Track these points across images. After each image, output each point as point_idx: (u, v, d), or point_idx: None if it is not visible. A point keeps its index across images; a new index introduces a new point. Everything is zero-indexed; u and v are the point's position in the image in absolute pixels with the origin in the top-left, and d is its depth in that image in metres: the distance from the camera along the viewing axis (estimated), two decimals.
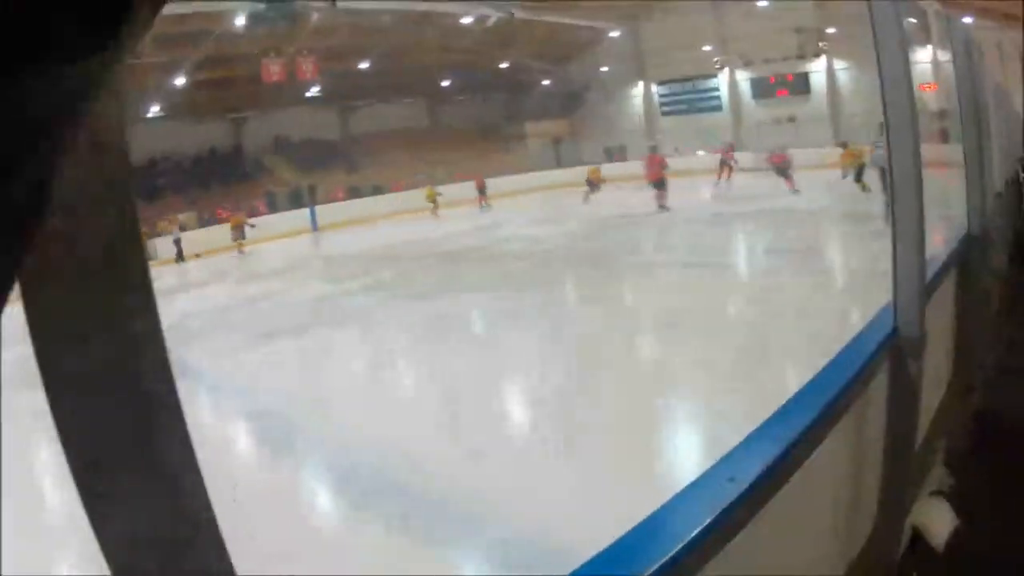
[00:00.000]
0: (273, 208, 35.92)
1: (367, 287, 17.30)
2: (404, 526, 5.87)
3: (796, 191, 23.43)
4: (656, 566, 1.49)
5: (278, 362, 11.20)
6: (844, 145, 23.41)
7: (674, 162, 28.72)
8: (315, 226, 33.92)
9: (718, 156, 32.88)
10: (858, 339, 3.16)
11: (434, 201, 32.81)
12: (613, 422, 7.30)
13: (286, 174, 39.48)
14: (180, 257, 27.83)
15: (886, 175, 3.46)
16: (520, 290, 14.49)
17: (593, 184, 30.18)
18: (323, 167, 40.29)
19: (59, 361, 0.74)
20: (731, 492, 1.79)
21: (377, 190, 38.94)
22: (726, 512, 1.73)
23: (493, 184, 35.06)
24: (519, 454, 7.21)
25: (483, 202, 33.86)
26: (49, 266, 0.71)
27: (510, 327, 12.02)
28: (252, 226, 28.89)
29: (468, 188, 34.52)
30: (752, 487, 1.83)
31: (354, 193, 38.72)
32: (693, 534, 1.61)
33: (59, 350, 0.74)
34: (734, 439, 2.20)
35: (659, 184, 24.18)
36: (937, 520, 4.03)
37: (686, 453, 6.77)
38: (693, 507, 1.77)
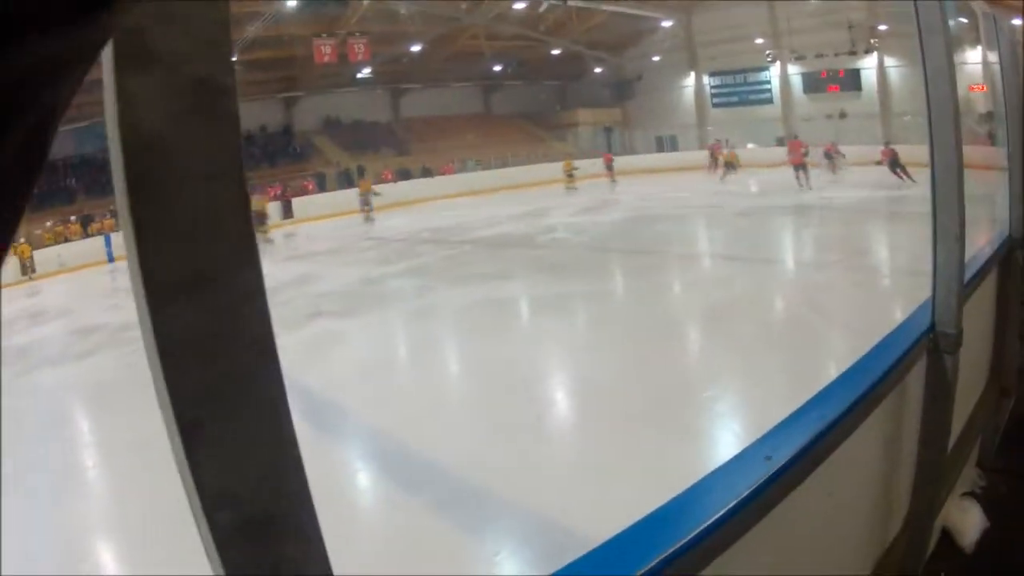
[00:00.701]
0: (321, 188, 36.14)
1: (411, 269, 17.44)
2: (439, 511, 5.95)
3: (914, 181, 23.33)
4: (692, 535, 1.57)
5: (321, 342, 11.32)
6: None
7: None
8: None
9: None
10: (896, 332, 3.19)
11: (571, 174, 33.61)
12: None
13: (335, 155, 39.64)
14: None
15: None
16: (562, 278, 14.53)
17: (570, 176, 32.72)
18: (372, 149, 40.46)
19: (166, 315, 0.79)
20: (767, 469, 1.86)
21: (426, 172, 39.05)
22: (761, 488, 1.80)
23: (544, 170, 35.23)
24: (554, 439, 7.32)
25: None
26: (162, 225, 0.78)
27: (549, 313, 12.10)
28: (378, 194, 29.13)
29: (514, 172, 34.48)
30: (787, 466, 1.90)
31: (403, 175, 38.83)
32: (730, 506, 1.69)
33: (166, 305, 0.79)
34: None
35: (801, 168, 26.32)
36: (967, 521, 4.06)
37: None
38: (731, 482, 1.83)
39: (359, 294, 15.08)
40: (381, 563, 5.08)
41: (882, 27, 36.33)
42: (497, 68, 44.71)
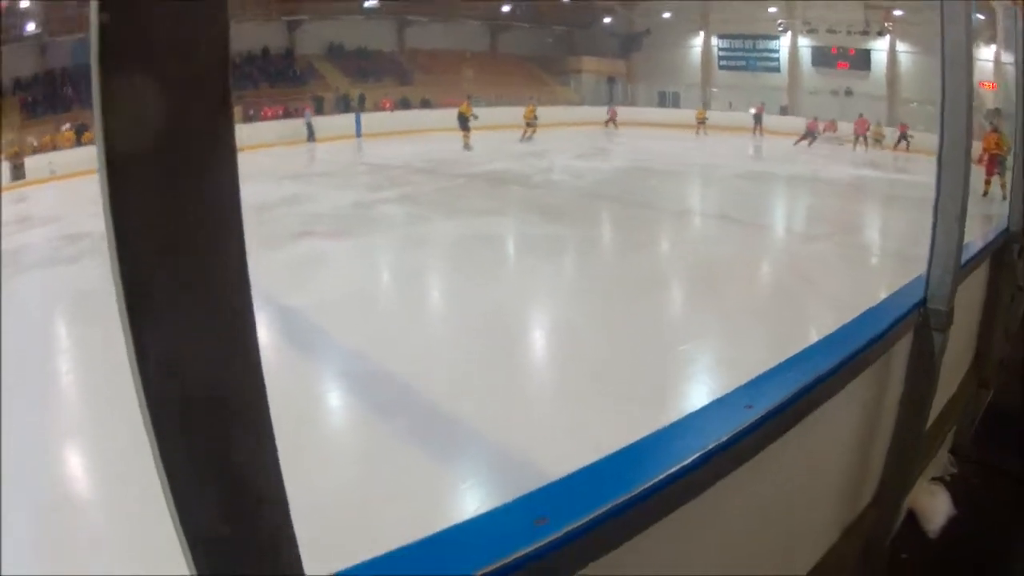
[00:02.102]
0: (319, 112, 35.92)
1: (404, 197, 17.42)
2: (411, 437, 5.98)
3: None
4: (664, 475, 1.55)
5: (306, 262, 11.26)
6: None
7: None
8: (359, 133, 33.93)
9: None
10: (887, 301, 3.19)
11: (530, 123, 32.41)
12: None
13: (336, 80, 39.38)
14: None
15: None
16: (555, 220, 14.52)
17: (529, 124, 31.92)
18: (375, 77, 40.21)
19: (127, 174, 0.73)
20: (747, 417, 1.83)
21: (425, 104, 38.84)
22: (739, 436, 1.77)
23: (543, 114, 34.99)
24: (531, 375, 7.35)
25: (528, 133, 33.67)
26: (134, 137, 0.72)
27: (540, 254, 12.09)
28: (476, 117, 29.00)
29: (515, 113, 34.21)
30: (768, 416, 1.88)
31: (403, 105, 38.63)
32: (706, 449, 1.66)
33: (128, 164, 0.73)
34: None
35: (863, 138, 29.90)
36: (935, 506, 4.08)
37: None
38: (709, 426, 1.81)
39: (350, 217, 15.10)
40: (352, 484, 5.11)
41: (897, 12, 36.10)
42: (506, 8, 44.38)
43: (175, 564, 0.89)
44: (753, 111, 36.12)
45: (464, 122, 29.28)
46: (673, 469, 1.56)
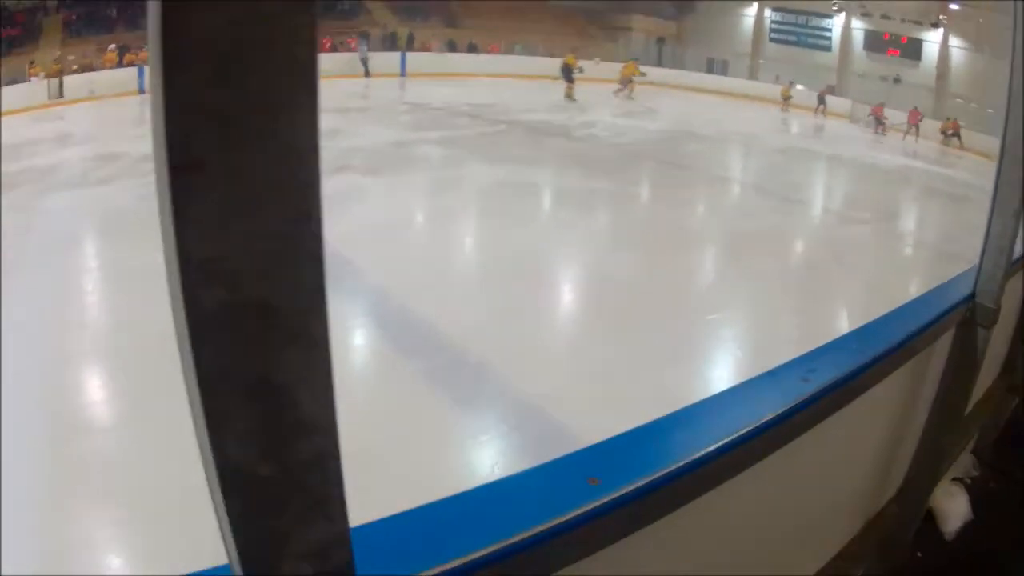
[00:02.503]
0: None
1: (444, 139, 17.33)
2: (433, 380, 5.98)
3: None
4: (719, 444, 1.52)
5: (341, 197, 11.24)
6: None
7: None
8: (403, 72, 33.70)
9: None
10: (935, 292, 3.13)
11: (572, 77, 30.35)
12: None
13: (384, 17, 39.13)
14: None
15: None
16: (592, 175, 14.46)
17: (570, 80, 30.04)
18: (422, 17, 39.91)
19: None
20: (804, 391, 1.79)
21: (472, 48, 38.59)
22: (797, 409, 1.73)
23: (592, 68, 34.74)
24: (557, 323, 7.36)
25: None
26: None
27: (576, 207, 12.07)
28: (581, 70, 29.55)
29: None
30: (823, 392, 1.83)
31: (449, 48, 38.40)
32: (763, 420, 1.63)
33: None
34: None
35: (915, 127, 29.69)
36: (953, 508, 4.03)
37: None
38: (764, 395, 1.77)
39: (388, 155, 15.04)
40: (370, 422, 5.09)
41: (953, 6, 35.53)
42: None
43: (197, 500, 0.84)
44: (819, 92, 35.61)
45: (568, 73, 29.29)
46: (726, 439, 1.51)
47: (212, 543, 0.84)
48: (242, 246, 0.67)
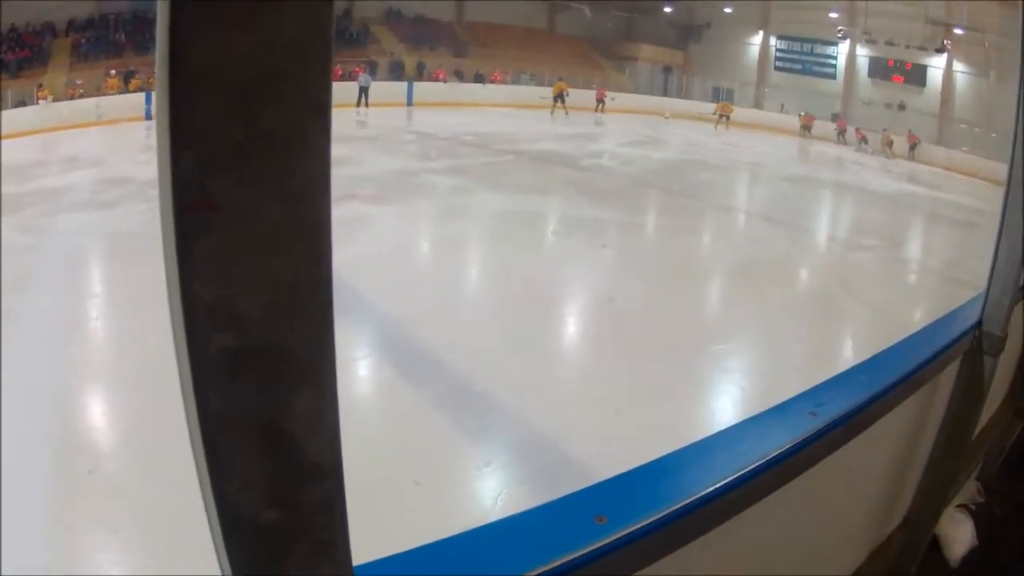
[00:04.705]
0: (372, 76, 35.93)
1: (450, 168, 17.37)
2: (438, 408, 5.96)
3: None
4: (728, 479, 1.51)
5: (346, 225, 11.21)
6: None
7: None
8: (410, 101, 33.80)
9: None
10: (943, 320, 3.12)
11: (561, 97, 35.34)
12: None
13: (392, 46, 39.32)
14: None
15: None
16: (599, 204, 14.48)
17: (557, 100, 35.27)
18: (430, 46, 40.14)
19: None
20: (811, 425, 1.78)
21: (479, 78, 38.76)
22: (805, 443, 1.72)
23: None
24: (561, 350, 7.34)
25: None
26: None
27: (582, 236, 12.04)
28: (612, 99, 33.08)
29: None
30: (832, 425, 1.82)
31: (456, 77, 38.57)
32: (771, 455, 1.61)
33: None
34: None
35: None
36: (958, 534, 4.00)
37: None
38: (772, 430, 1.76)
39: (394, 183, 15.06)
40: (375, 449, 5.08)
41: (958, 31, 35.60)
42: None
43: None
44: (801, 118, 36.21)
45: (558, 98, 34.66)
46: (735, 475, 1.50)
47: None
48: (251, 289, 0.66)
